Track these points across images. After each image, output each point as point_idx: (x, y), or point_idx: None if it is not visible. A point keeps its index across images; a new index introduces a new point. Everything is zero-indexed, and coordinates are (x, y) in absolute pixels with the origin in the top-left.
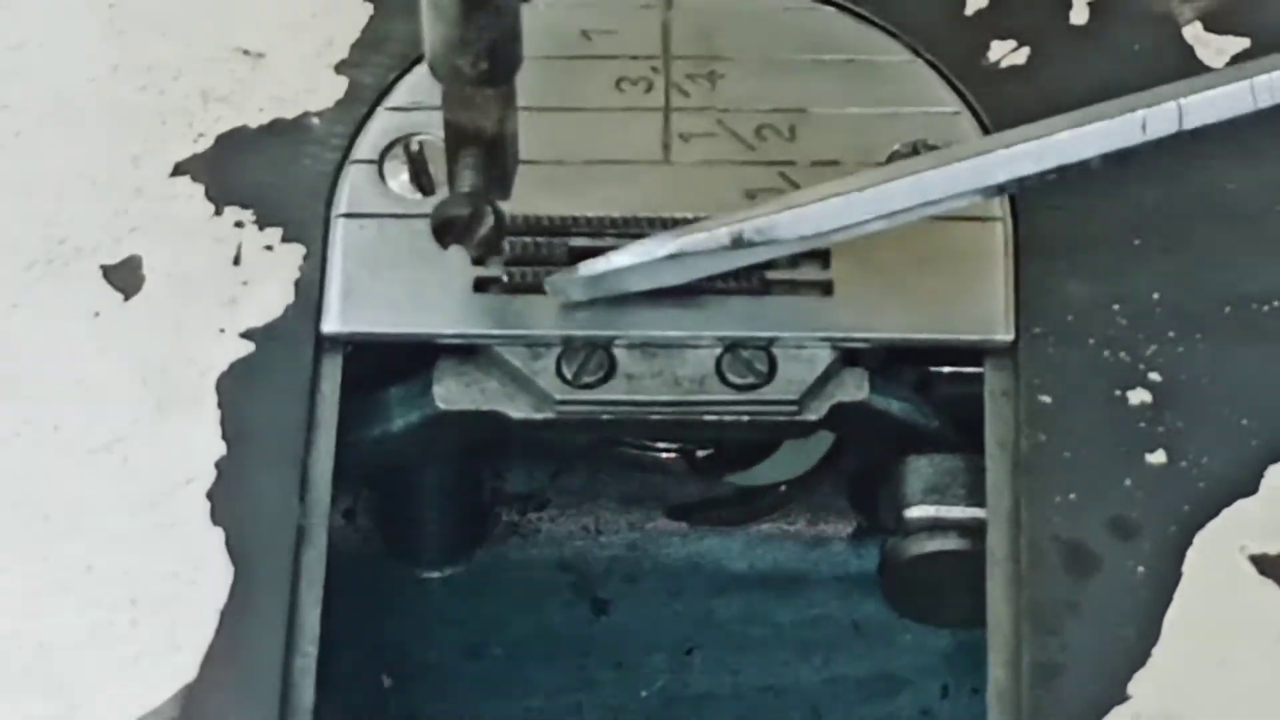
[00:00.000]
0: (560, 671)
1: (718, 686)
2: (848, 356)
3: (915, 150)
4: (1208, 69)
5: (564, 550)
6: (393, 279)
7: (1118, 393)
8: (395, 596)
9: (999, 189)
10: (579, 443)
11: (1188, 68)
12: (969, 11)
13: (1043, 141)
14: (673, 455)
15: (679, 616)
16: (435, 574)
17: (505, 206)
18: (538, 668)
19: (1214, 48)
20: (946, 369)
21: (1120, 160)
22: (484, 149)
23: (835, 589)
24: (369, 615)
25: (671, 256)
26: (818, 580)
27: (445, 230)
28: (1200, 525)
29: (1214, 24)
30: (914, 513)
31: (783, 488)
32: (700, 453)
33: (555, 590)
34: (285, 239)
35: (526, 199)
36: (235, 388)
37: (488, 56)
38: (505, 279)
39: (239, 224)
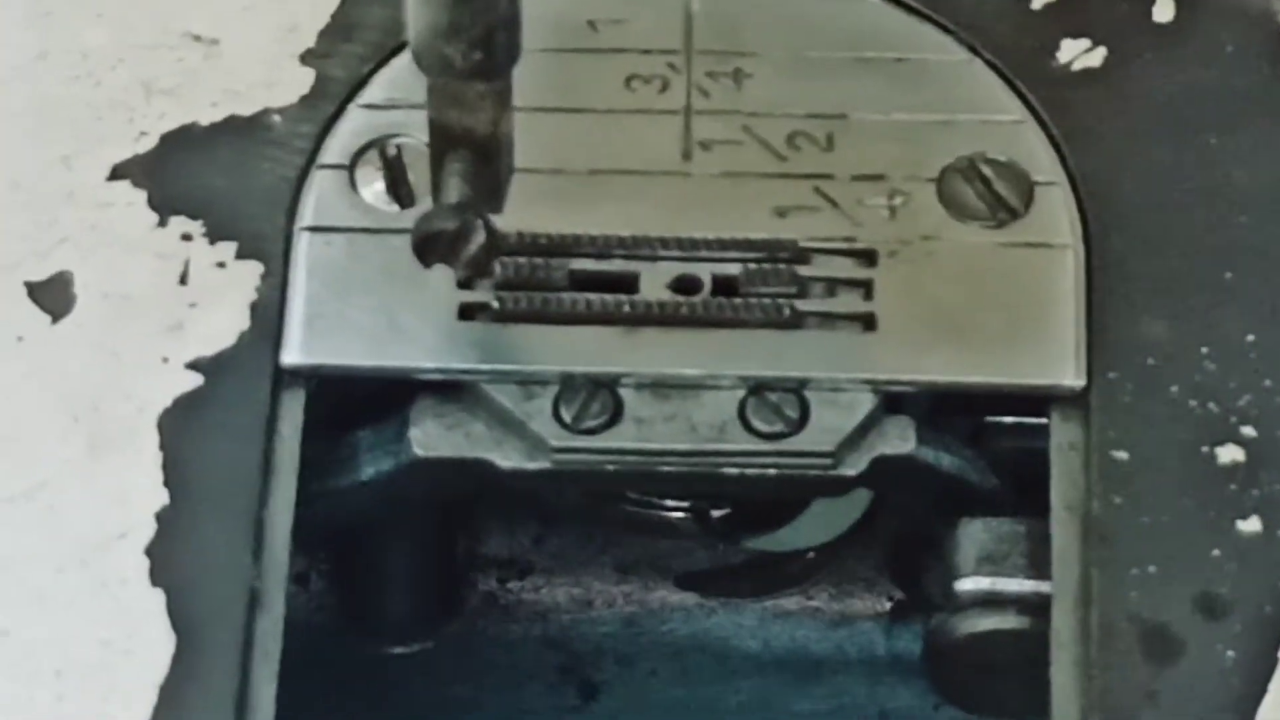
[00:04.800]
0: None
1: None
2: (891, 402)
3: (973, 165)
4: None
5: (550, 625)
6: (364, 303)
7: (1205, 449)
8: (355, 675)
9: None
10: (573, 498)
11: None
12: (1036, 5)
13: None
14: (683, 516)
15: (681, 703)
16: (401, 649)
17: (497, 221)
18: None
19: None
20: (1005, 418)
21: None
22: (474, 154)
23: (862, 674)
24: (324, 696)
25: None
26: (842, 664)
27: (429, 247)
28: None
29: None
30: (966, 585)
31: (811, 555)
32: (715, 513)
33: (539, 671)
34: (240, 255)
35: (522, 213)
36: (180, 427)
37: (482, 45)
38: (496, 305)
39: (186, 237)
